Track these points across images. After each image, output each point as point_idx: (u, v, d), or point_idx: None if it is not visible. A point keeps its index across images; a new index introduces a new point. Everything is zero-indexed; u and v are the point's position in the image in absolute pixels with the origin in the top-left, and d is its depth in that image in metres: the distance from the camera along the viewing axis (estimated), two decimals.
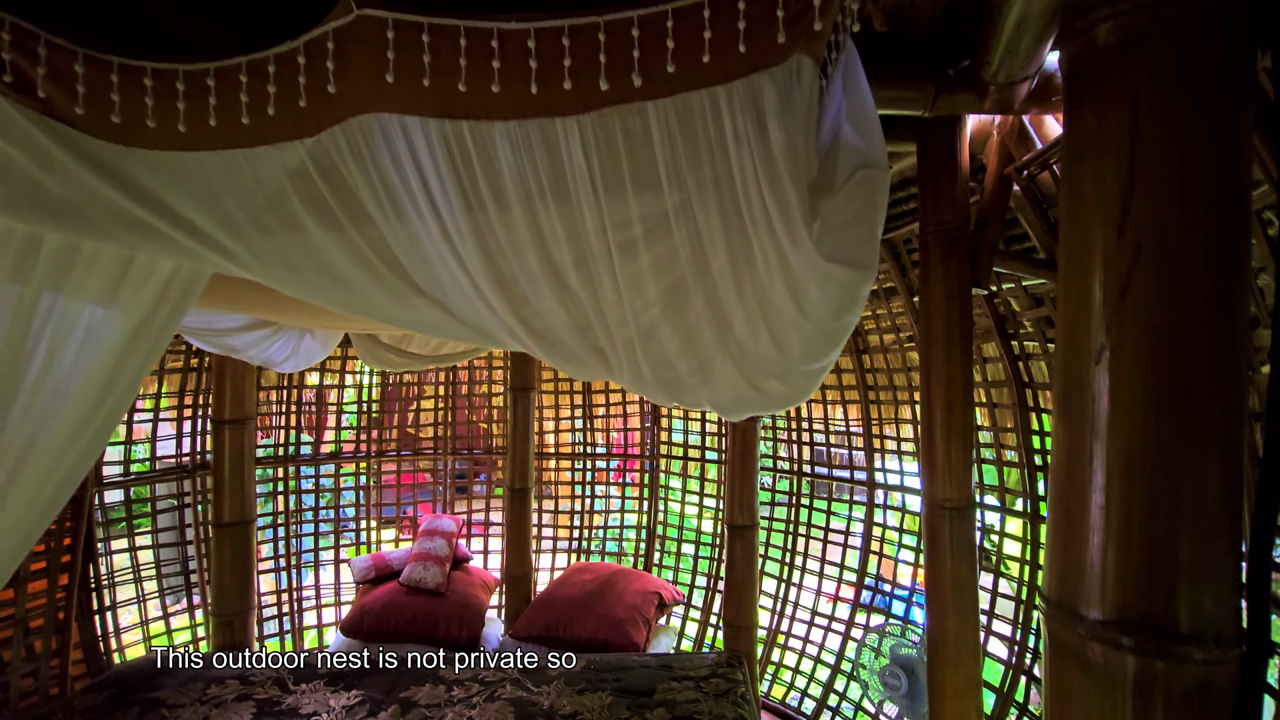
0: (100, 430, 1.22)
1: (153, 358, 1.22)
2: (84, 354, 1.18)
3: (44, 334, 1.14)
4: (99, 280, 1.16)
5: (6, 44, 0.94)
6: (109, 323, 1.19)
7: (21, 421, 1.15)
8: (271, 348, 3.23)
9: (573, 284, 1.07)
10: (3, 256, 1.08)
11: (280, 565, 4.46)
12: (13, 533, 1.18)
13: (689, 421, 4.66)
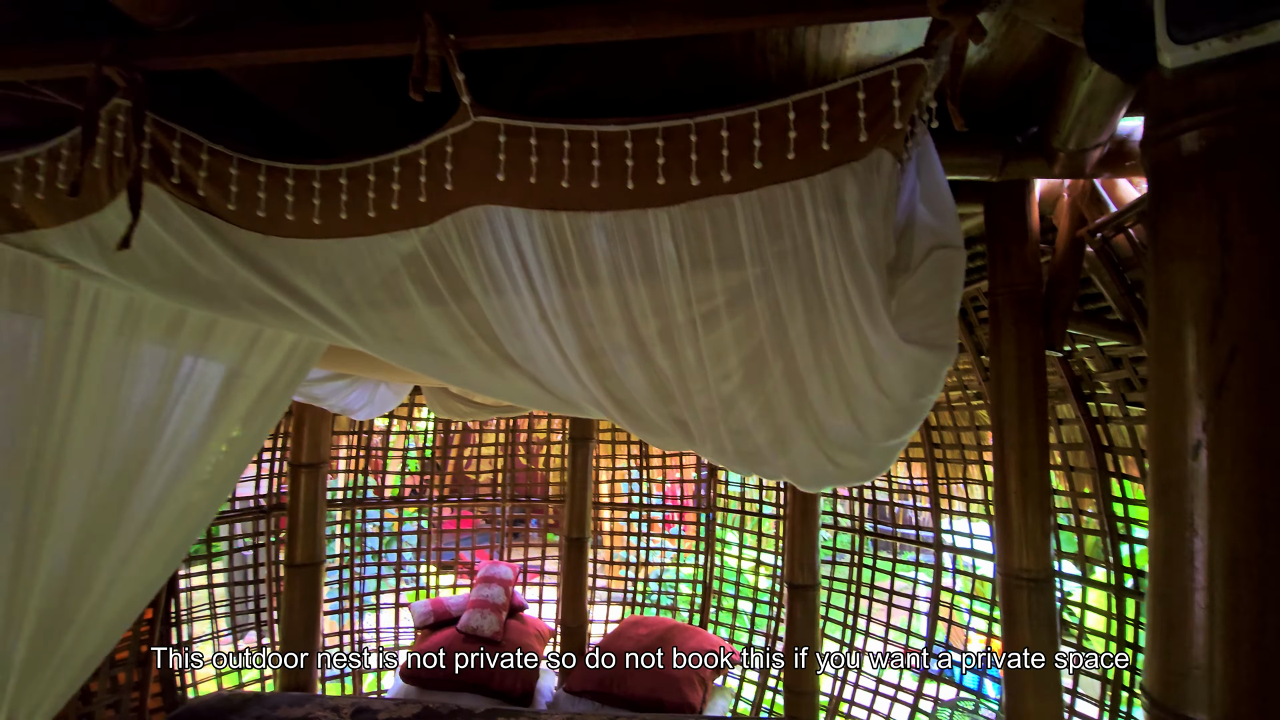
0: (226, 481, 1.34)
1: (275, 418, 1.34)
2: (214, 413, 1.30)
3: (183, 394, 1.28)
4: (233, 348, 1.29)
5: (176, 151, 1.08)
6: (237, 385, 1.31)
7: (157, 471, 1.28)
8: (349, 396, 3.41)
9: (657, 355, 1.13)
10: (157, 323, 1.22)
11: (343, 607, 4.57)
12: (141, 580, 1.29)
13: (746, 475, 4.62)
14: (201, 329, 1.28)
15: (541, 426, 5.03)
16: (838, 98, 0.97)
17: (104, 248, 1.15)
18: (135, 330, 1.25)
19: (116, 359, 1.28)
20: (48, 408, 1.27)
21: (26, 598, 1.29)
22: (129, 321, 1.25)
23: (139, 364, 1.30)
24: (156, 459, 1.32)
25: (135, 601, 1.36)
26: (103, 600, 1.33)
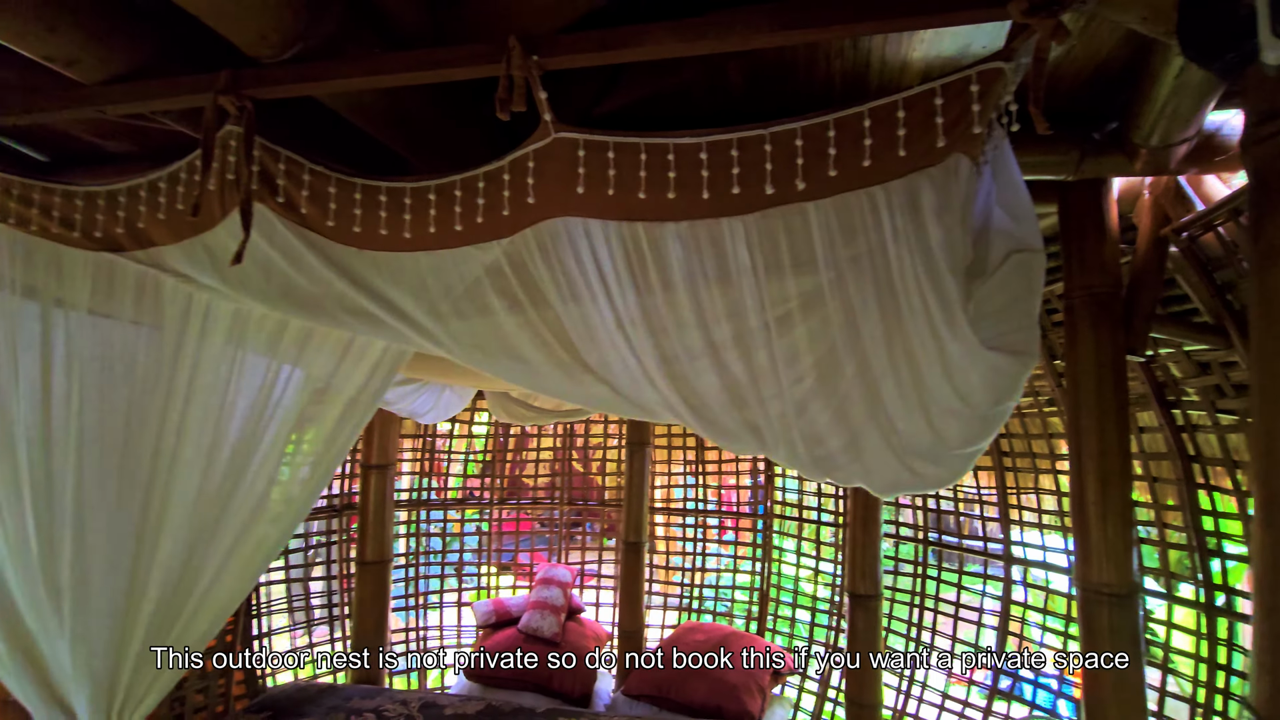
0: (318, 483, 1.44)
1: (363, 424, 1.43)
2: (306, 420, 1.40)
3: (280, 402, 1.38)
4: (326, 357, 1.39)
5: (281, 172, 1.17)
6: (328, 395, 1.41)
7: (258, 473, 1.38)
8: (417, 400, 3.54)
9: (730, 359, 1.15)
10: (260, 333, 1.33)
11: (408, 605, 4.73)
12: (243, 573, 1.40)
13: (804, 481, 4.56)
14: (299, 339, 1.38)
15: (598, 431, 5.10)
16: (914, 103, 0.97)
17: (216, 263, 1.25)
18: (241, 340, 1.36)
19: (224, 368, 1.39)
20: (163, 412, 1.38)
21: (145, 585, 1.40)
22: (236, 332, 1.36)
23: (243, 373, 1.41)
24: (256, 461, 1.43)
25: (239, 590, 1.48)
26: (211, 588, 1.44)
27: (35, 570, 1.37)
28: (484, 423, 5.06)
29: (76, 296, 1.37)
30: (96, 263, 1.36)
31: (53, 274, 1.36)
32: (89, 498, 1.38)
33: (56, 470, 1.37)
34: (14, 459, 1.37)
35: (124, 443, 1.41)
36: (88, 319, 1.39)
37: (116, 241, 1.27)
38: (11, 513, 1.37)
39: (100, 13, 1.14)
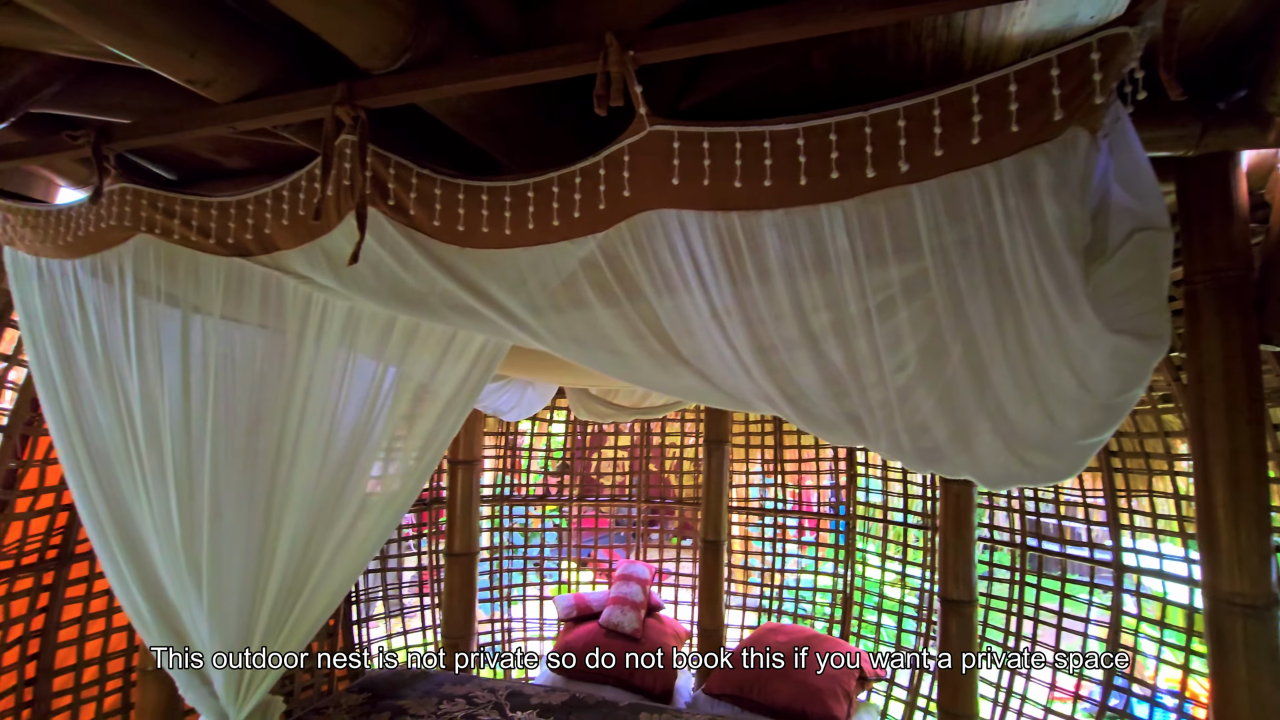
0: (420, 478, 1.53)
1: (459, 422, 1.51)
2: (409, 419, 1.49)
3: (386, 402, 1.47)
4: (430, 353, 1.47)
5: (391, 177, 1.24)
6: (428, 397, 1.50)
7: (367, 466, 1.48)
8: (501, 398, 3.66)
9: (829, 348, 1.13)
10: (368, 338, 1.42)
11: (492, 597, 4.89)
12: (353, 559, 1.51)
13: (888, 482, 4.41)
14: (403, 342, 1.47)
15: (675, 430, 5.11)
16: (1028, 76, 0.93)
17: (332, 264, 1.34)
18: (353, 343, 1.46)
19: (338, 370, 1.50)
20: (284, 409, 1.49)
21: (270, 565, 1.52)
22: (347, 336, 1.46)
23: (354, 375, 1.52)
24: (365, 456, 1.53)
25: (351, 573, 1.58)
26: (328, 570, 1.55)
27: (178, 550, 1.50)
28: (562, 420, 5.17)
29: (211, 303, 1.50)
30: (228, 270, 1.48)
31: (191, 283, 1.50)
32: (223, 484, 1.50)
33: (195, 459, 1.50)
34: (160, 449, 1.51)
35: (251, 435, 1.53)
36: (220, 323, 1.52)
37: (245, 247, 1.39)
38: (158, 497, 1.50)
39: (232, 38, 1.24)
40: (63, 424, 1.60)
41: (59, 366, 1.61)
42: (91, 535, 1.60)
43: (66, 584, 2.78)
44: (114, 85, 1.70)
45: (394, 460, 1.54)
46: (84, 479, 1.58)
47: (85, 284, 1.59)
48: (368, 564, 1.52)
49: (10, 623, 2.57)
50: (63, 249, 1.56)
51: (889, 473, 4.41)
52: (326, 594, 1.58)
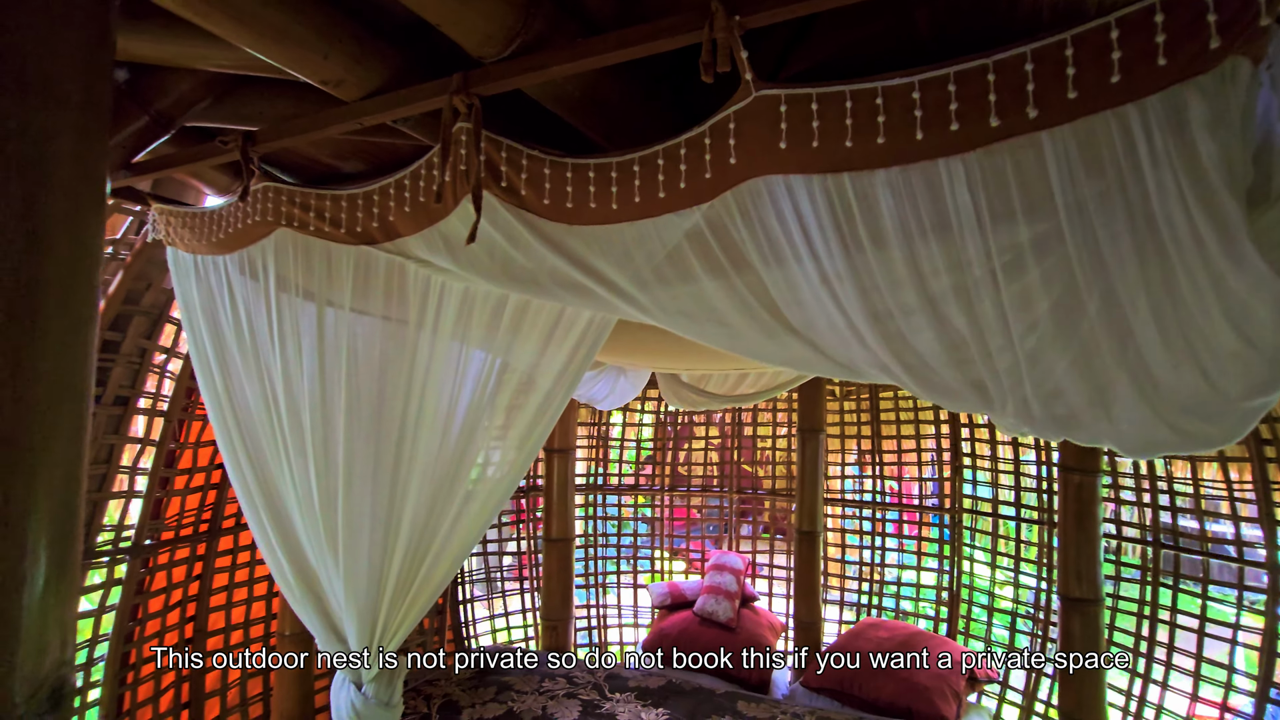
0: (524, 463, 1.63)
1: (559, 411, 1.59)
2: (512, 409, 1.59)
3: (493, 393, 1.57)
4: (533, 343, 1.55)
5: (503, 160, 1.31)
6: (532, 385, 1.59)
7: (478, 450, 1.58)
8: (595, 387, 3.74)
9: (951, 313, 1.08)
10: (479, 328, 1.52)
11: (588, 583, 5.01)
12: (466, 536, 1.64)
13: (998, 474, 4.16)
14: (510, 329, 1.57)
15: (766, 420, 5.04)
16: (1177, 2, 0.85)
17: (449, 247, 1.42)
18: (465, 333, 1.56)
19: (452, 359, 1.61)
20: (406, 395, 1.61)
21: (397, 534, 1.63)
22: (460, 323, 1.56)
23: (467, 365, 1.63)
24: (477, 441, 1.64)
25: (468, 542, 1.70)
26: (447, 539, 1.65)
27: (317, 517, 1.64)
28: (653, 412, 5.21)
29: (341, 297, 1.63)
30: (356, 260, 1.61)
31: (324, 276, 1.64)
32: (355, 459, 1.63)
33: (330, 435, 1.63)
34: (300, 426, 1.65)
35: (377, 418, 1.66)
36: (350, 316, 1.65)
37: (370, 235, 1.49)
38: (299, 469, 1.65)
39: (359, 39, 1.34)
40: (217, 403, 1.78)
41: (213, 351, 1.79)
42: (242, 502, 1.77)
43: (216, 555, 3.09)
44: (254, 97, 1.87)
45: (497, 450, 1.66)
46: (235, 452, 1.75)
47: (235, 279, 1.76)
48: (479, 540, 1.62)
49: (172, 587, 2.89)
50: (215, 246, 1.74)
51: (999, 465, 4.16)
52: (447, 560, 1.69)
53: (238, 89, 1.86)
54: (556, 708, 3.23)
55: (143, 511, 2.69)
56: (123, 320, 2.44)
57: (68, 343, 0.93)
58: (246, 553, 3.25)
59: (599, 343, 1.66)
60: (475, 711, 3.17)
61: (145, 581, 2.77)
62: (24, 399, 0.82)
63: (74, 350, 0.94)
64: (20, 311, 0.85)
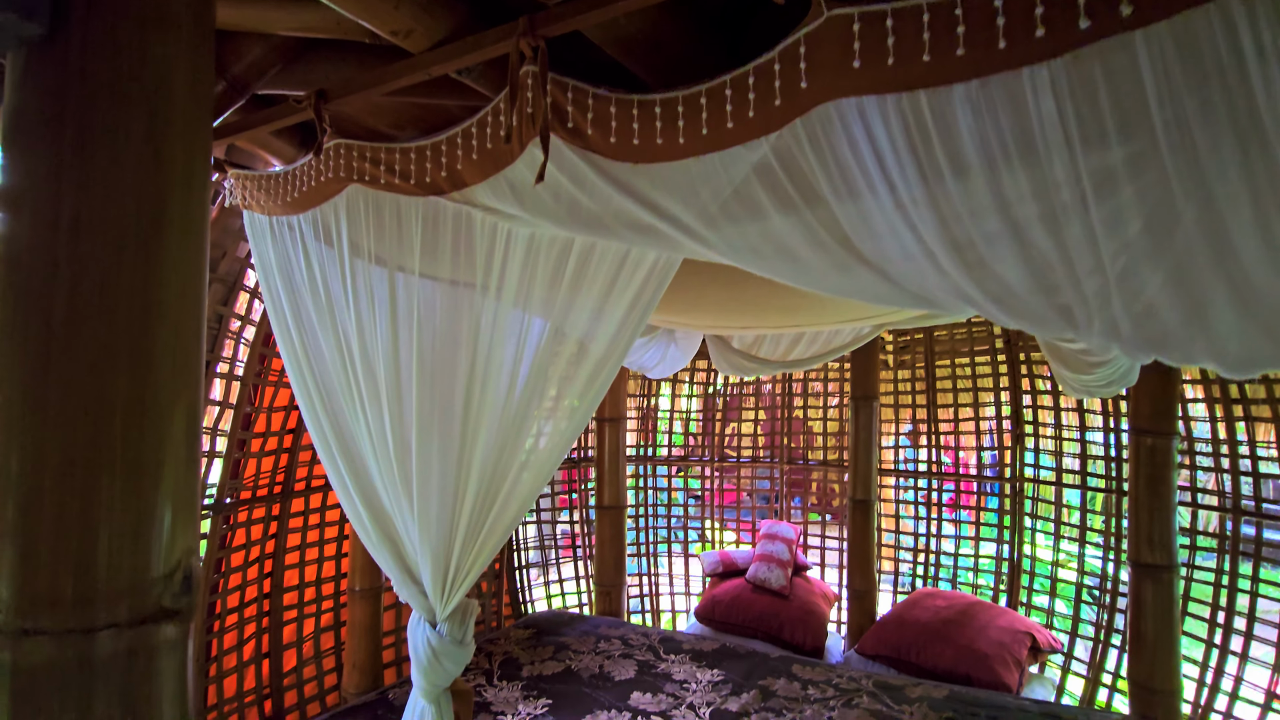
0: (581, 422, 1.70)
1: (610, 378, 1.64)
2: (567, 380, 1.67)
3: (555, 358, 1.66)
4: (605, 275, 1.57)
5: (568, 101, 1.32)
6: (585, 352, 1.65)
7: (538, 408, 1.66)
8: (646, 354, 3.76)
9: (1035, 238, 1.04)
10: (540, 285, 1.58)
11: (639, 553, 5.07)
12: (534, 478, 1.71)
13: (1061, 442, 4.03)
14: (572, 282, 1.61)
15: (817, 390, 4.99)
16: None
17: (516, 192, 1.45)
18: (530, 287, 1.61)
19: (514, 319, 1.68)
20: (472, 354, 1.68)
21: (467, 479, 1.69)
22: (525, 278, 1.60)
23: (529, 330, 1.70)
24: (536, 400, 1.70)
25: (534, 489, 1.78)
26: (514, 486, 1.72)
27: (392, 463, 1.71)
28: (702, 383, 5.21)
29: (411, 261, 1.70)
30: (424, 217, 1.66)
31: (394, 239, 1.70)
32: (426, 408, 1.69)
33: (404, 387, 1.70)
34: (374, 378, 1.72)
35: (447, 371, 1.73)
36: (418, 280, 1.72)
37: (438, 185, 1.53)
38: (374, 418, 1.72)
39: None
40: (294, 357, 1.86)
41: (289, 309, 1.87)
42: (320, 452, 1.86)
43: (289, 516, 3.25)
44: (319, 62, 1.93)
45: (550, 420, 1.73)
46: (313, 403, 1.84)
47: (310, 243, 1.83)
48: (543, 486, 1.71)
49: (250, 544, 3.05)
50: (289, 205, 1.81)
51: (1063, 432, 4.02)
52: (515, 503, 1.75)
53: (304, 55, 1.93)
54: (613, 666, 3.30)
55: (223, 471, 2.84)
56: None
57: (187, 296, 0.90)
58: (317, 515, 3.40)
59: (655, 299, 1.67)
60: (535, 668, 3.26)
61: (227, 538, 2.94)
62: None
63: (192, 308, 0.92)
64: (143, 258, 0.85)
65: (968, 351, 4.37)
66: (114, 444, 0.74)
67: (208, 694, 2.81)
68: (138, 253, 0.84)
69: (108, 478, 0.72)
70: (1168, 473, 2.91)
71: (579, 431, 1.83)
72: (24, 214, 0.81)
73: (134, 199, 0.84)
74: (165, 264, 0.88)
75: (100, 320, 0.78)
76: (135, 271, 0.84)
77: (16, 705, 0.66)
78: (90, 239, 0.81)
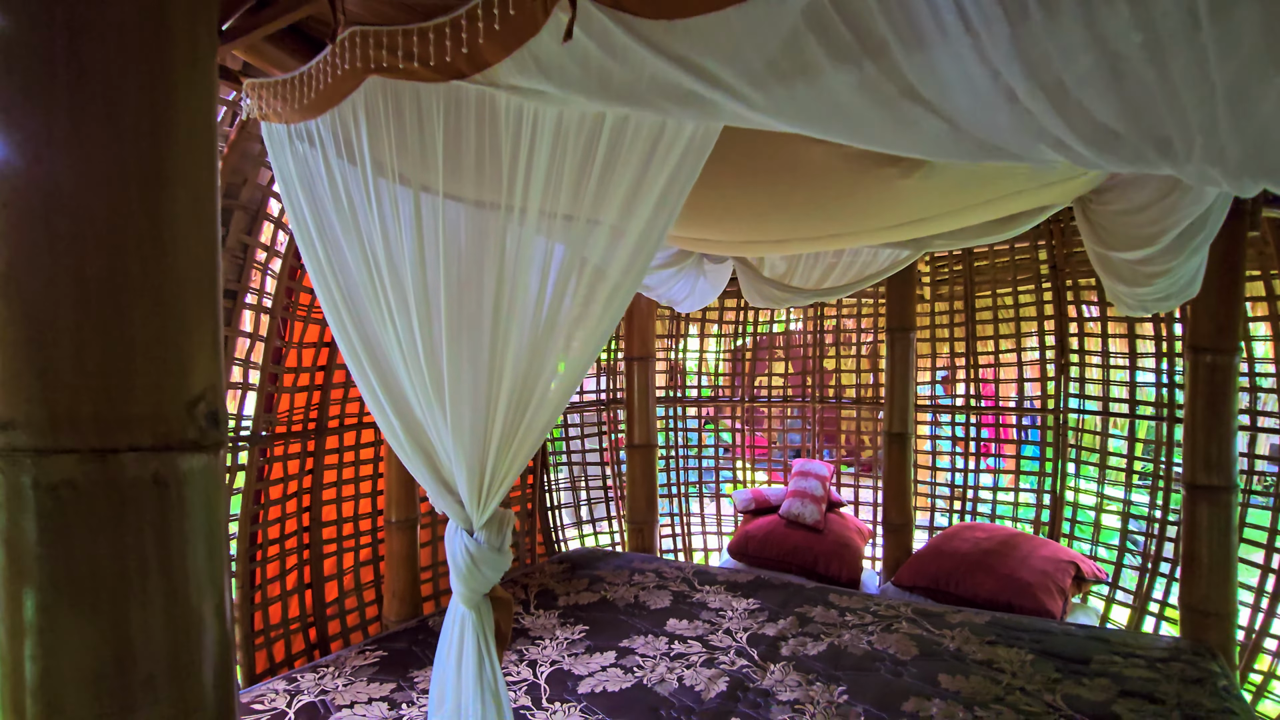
0: (603, 338, 1.64)
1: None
2: (587, 303, 1.60)
3: (576, 287, 1.63)
4: (639, 155, 1.48)
5: None
6: (603, 276, 1.58)
7: (562, 325, 1.61)
8: (675, 286, 3.67)
9: (1137, 72, 0.92)
10: (568, 186, 1.50)
11: (670, 493, 5.07)
12: (565, 384, 1.68)
13: (1109, 370, 3.87)
14: (604, 167, 1.52)
15: (850, 326, 4.86)
16: None
17: (542, 66, 1.36)
18: (550, 230, 1.54)
19: (539, 249, 1.62)
20: (499, 268, 1.61)
21: (499, 384, 1.65)
22: (552, 179, 1.52)
23: (551, 257, 1.64)
24: (561, 317, 1.64)
25: (565, 395, 1.76)
26: (545, 392, 1.68)
27: (422, 369, 1.66)
28: (732, 322, 5.12)
29: (434, 179, 1.63)
30: (445, 108, 1.58)
31: (416, 153, 1.64)
32: (455, 308, 1.64)
33: (431, 290, 1.65)
34: (401, 284, 1.67)
35: (476, 279, 1.67)
36: (439, 200, 1.65)
37: (459, 68, 1.44)
38: (402, 323, 1.67)
39: None
40: (319, 268, 1.81)
41: (311, 219, 1.82)
42: (350, 365, 1.83)
43: (325, 453, 3.28)
44: None
45: (583, 326, 1.68)
46: (340, 313, 1.80)
47: (330, 154, 1.77)
48: (574, 392, 1.68)
49: (288, 478, 3.09)
50: (307, 109, 1.73)
51: (1110, 360, 3.86)
52: (549, 408, 1.71)
53: None
54: (648, 596, 3.31)
55: (257, 404, 2.86)
56: (224, 215, 2.53)
57: (199, 209, 0.83)
58: (351, 453, 3.43)
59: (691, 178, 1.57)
60: (570, 598, 3.29)
61: (264, 470, 2.97)
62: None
63: (206, 219, 0.84)
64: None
65: (1009, 280, 4.19)
66: (130, 271, 0.68)
67: (254, 619, 2.88)
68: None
69: (126, 303, 0.67)
70: (1229, 391, 2.76)
71: (611, 330, 1.77)
72: None
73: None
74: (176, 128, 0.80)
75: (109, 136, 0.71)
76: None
77: (43, 528, 0.63)
78: None
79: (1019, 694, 2.33)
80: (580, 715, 2.24)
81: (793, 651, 2.69)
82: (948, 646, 2.71)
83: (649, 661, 2.60)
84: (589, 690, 2.39)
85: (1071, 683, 2.40)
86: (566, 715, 2.24)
